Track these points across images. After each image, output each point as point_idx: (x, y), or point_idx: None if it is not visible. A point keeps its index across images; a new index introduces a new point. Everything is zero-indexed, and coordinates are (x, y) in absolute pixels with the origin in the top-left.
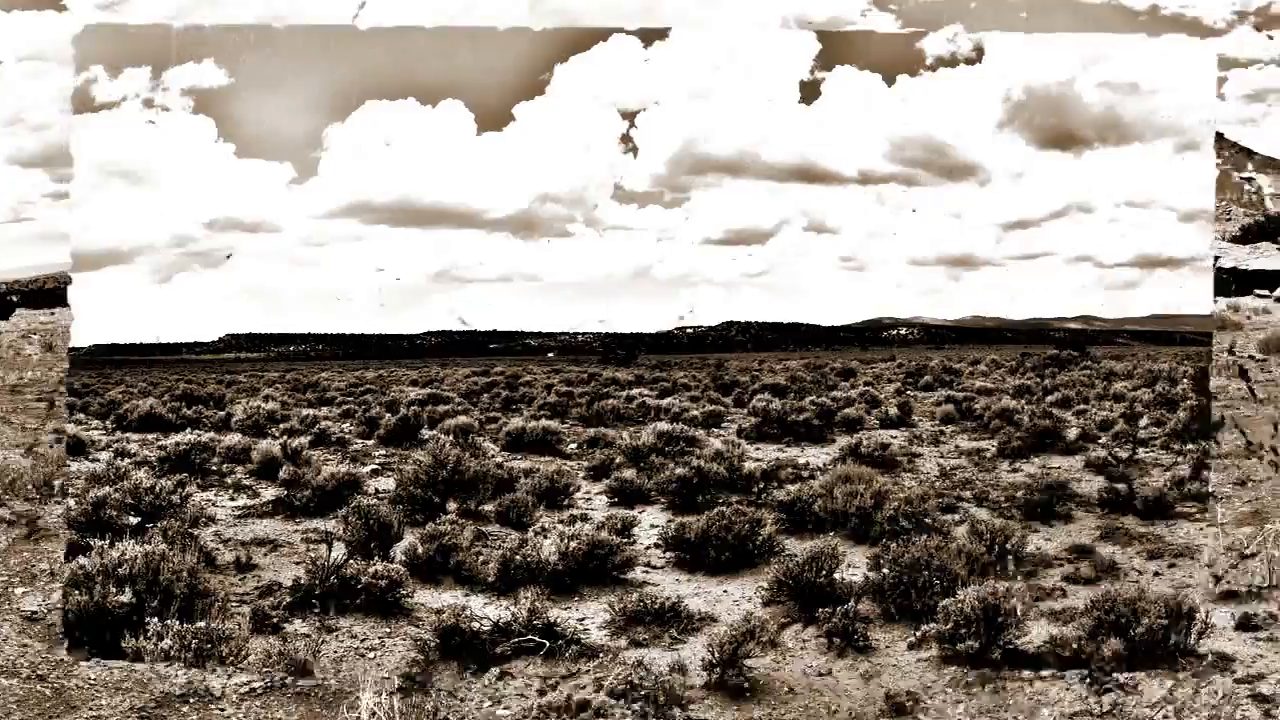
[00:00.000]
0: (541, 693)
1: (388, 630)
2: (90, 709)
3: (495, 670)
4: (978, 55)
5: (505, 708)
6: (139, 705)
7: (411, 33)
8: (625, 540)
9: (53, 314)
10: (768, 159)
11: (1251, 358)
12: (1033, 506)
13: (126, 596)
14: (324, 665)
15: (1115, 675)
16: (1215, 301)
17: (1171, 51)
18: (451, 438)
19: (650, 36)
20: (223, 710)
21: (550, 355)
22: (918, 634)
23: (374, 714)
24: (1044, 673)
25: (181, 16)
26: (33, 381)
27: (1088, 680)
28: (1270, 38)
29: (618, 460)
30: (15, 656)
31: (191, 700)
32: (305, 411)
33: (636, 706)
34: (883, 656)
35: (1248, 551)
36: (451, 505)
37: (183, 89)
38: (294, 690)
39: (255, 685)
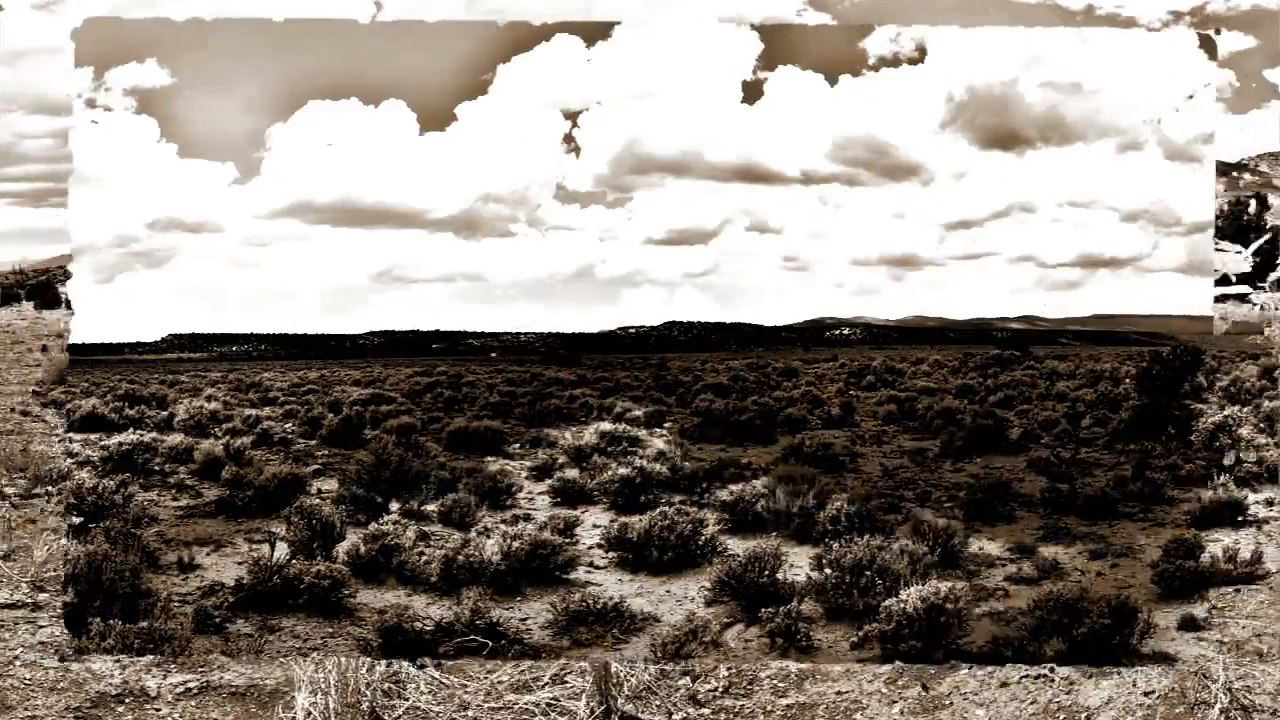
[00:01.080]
0: (484, 692)
1: (330, 630)
2: (26, 709)
3: (434, 669)
4: (920, 55)
5: (446, 707)
6: (74, 705)
7: (352, 30)
8: (568, 540)
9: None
10: (710, 159)
11: None
12: (975, 506)
13: (69, 596)
14: (262, 665)
15: (1053, 675)
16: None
17: (1114, 50)
18: (394, 438)
19: (593, 36)
20: (158, 710)
21: (493, 355)
22: (860, 634)
23: (309, 714)
24: (978, 672)
25: (120, 14)
26: None
27: (1025, 680)
28: (1218, 32)
29: (560, 460)
30: None
31: (127, 700)
32: (248, 411)
33: (579, 705)
34: (826, 656)
35: None
36: (394, 505)
37: (125, 89)
38: (229, 690)
39: (191, 685)
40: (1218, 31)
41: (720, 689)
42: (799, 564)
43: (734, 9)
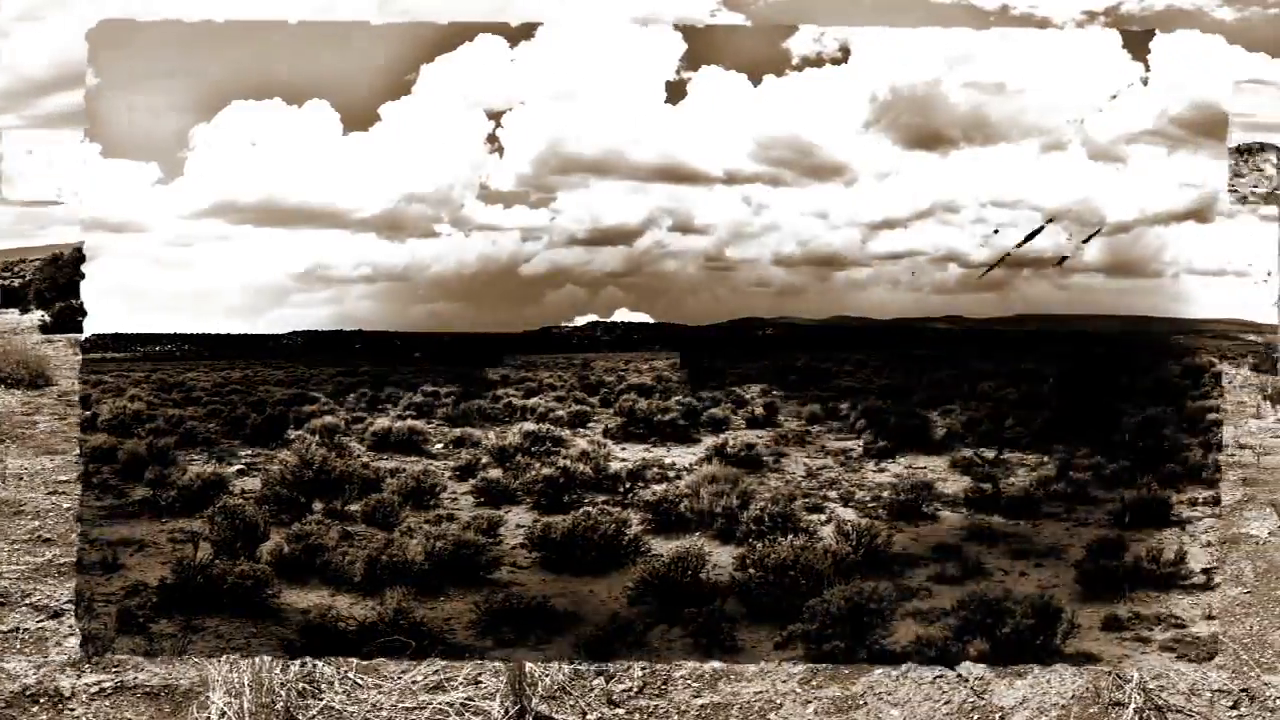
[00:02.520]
0: (398, 692)
1: (254, 630)
2: None
3: (349, 669)
4: (844, 55)
5: (360, 707)
6: None
7: (275, 30)
8: (491, 540)
9: None
10: (634, 159)
11: None
12: (899, 506)
13: None
14: (177, 665)
15: (968, 675)
16: None
17: (1036, 50)
18: (318, 437)
19: (516, 36)
20: (73, 710)
21: (417, 355)
22: (784, 634)
23: (223, 714)
24: (893, 672)
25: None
26: None
27: (940, 680)
28: (1152, 34)
29: (484, 460)
30: None
31: (41, 700)
32: (171, 411)
33: (493, 706)
34: (749, 656)
35: None
36: (318, 505)
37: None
38: (144, 690)
39: (106, 685)
40: (1151, 33)
41: (635, 689)
42: (722, 564)
43: (649, 9)
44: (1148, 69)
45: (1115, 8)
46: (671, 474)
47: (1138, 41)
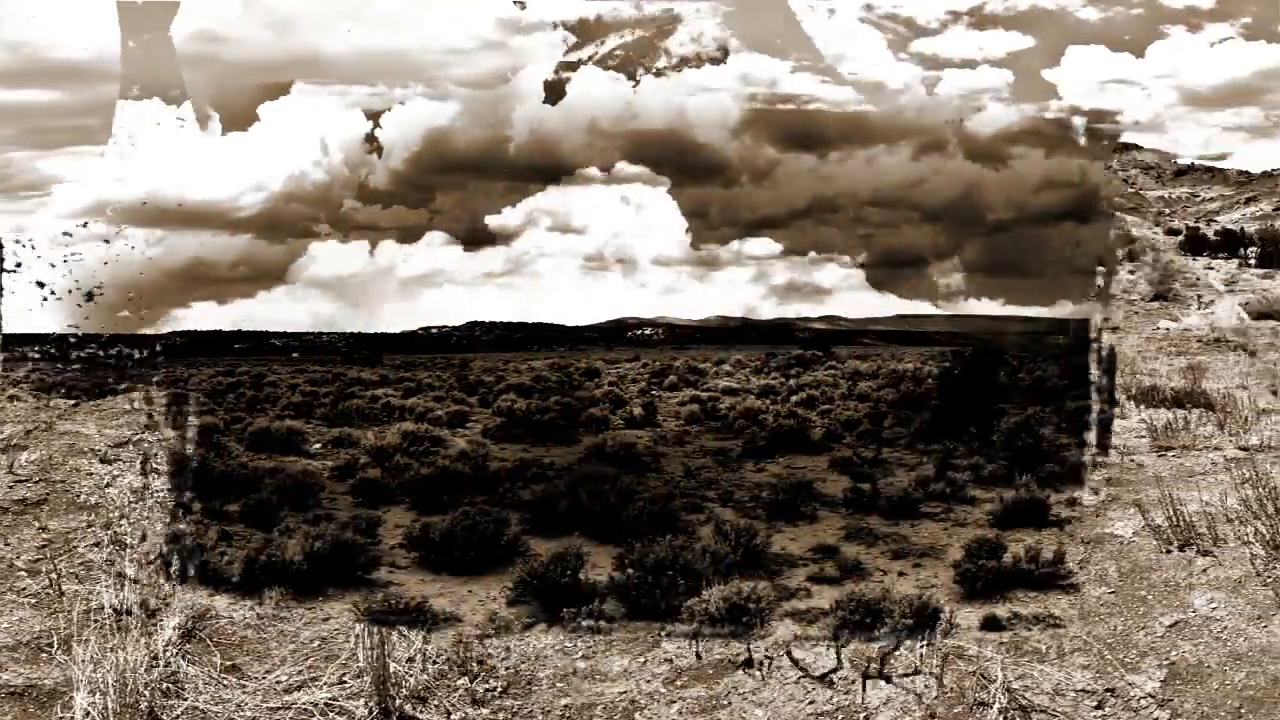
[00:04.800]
0: (263, 692)
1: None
2: None
3: (213, 669)
4: (723, 55)
5: (224, 707)
6: None
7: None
8: (370, 540)
9: None
10: (513, 158)
11: None
12: (777, 506)
13: None
14: (41, 665)
15: (833, 675)
16: None
17: (912, 51)
18: (196, 437)
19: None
20: None
21: (295, 355)
22: (663, 633)
23: (88, 714)
24: (757, 672)
25: None
26: None
27: (804, 680)
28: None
29: (363, 460)
30: None
31: None
32: None
33: (358, 706)
34: (625, 656)
35: None
36: (196, 505)
37: None
38: (8, 690)
39: None
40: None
41: (499, 689)
42: (601, 564)
43: (533, 11)
44: (1019, 71)
45: (979, 8)
46: (550, 474)
47: (1010, 43)
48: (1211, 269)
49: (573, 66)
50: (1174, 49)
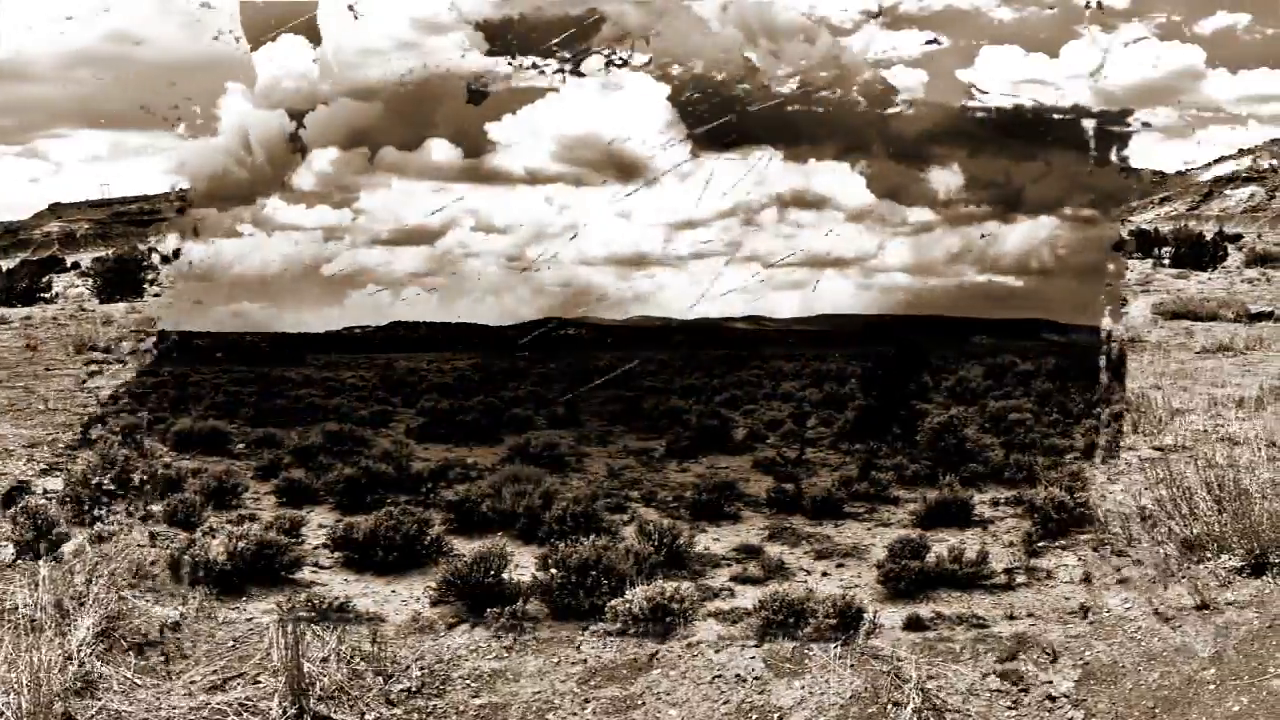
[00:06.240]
0: (176, 693)
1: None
2: None
3: (127, 670)
4: (646, 55)
5: (138, 708)
6: None
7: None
8: (293, 540)
9: None
10: (436, 158)
11: None
12: (701, 506)
13: None
14: None
15: (746, 674)
16: None
17: (833, 51)
18: (120, 437)
19: (316, 36)
20: None
21: (219, 355)
22: (587, 633)
23: (1, 714)
24: (671, 672)
25: None
26: None
27: (718, 680)
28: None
29: (286, 460)
30: None
31: None
32: None
33: (271, 706)
34: (546, 656)
35: None
36: (119, 505)
37: None
38: None
39: None
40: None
41: (413, 689)
42: (525, 564)
43: (444, 4)
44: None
45: (894, 7)
46: (473, 474)
47: (928, 42)
48: (1126, 269)
49: (495, 66)
50: (1088, 49)
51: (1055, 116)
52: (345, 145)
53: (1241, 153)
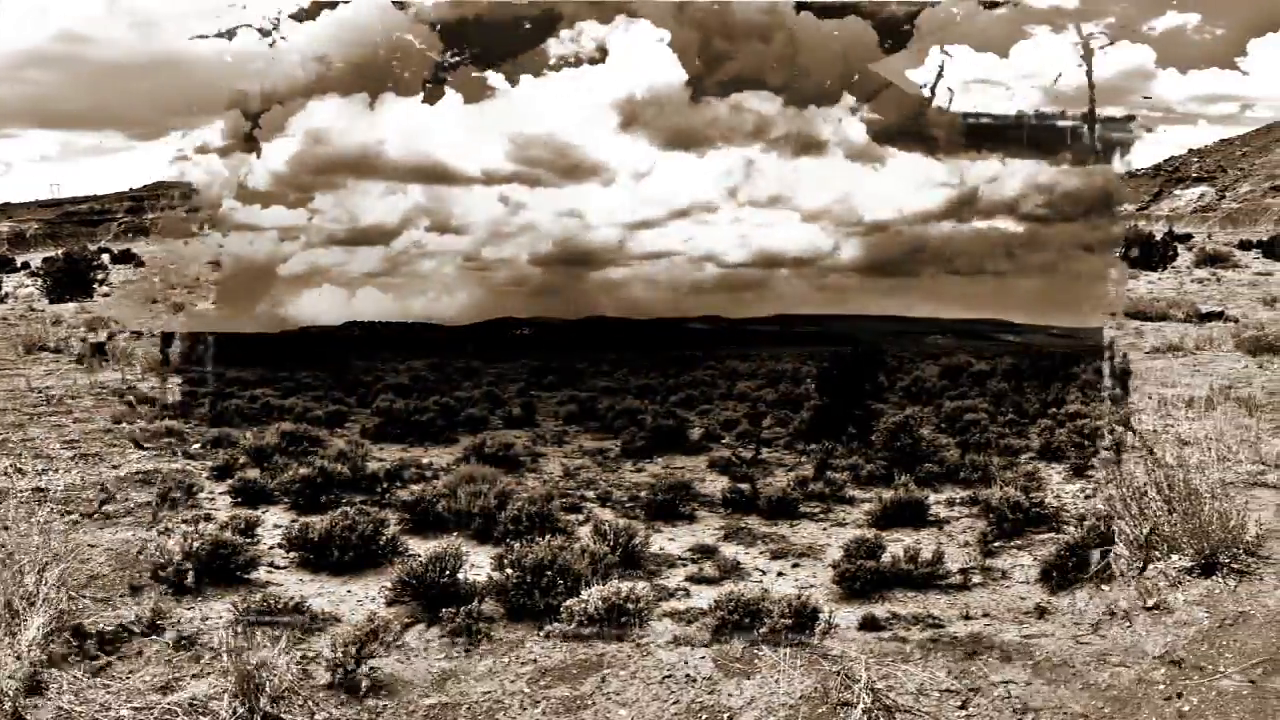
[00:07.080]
0: (127, 693)
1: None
2: None
3: (77, 670)
4: (601, 55)
5: (88, 708)
6: None
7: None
8: (249, 540)
9: None
10: (391, 158)
11: None
12: (656, 506)
13: None
14: None
15: (696, 675)
16: None
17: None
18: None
19: (270, 35)
20: None
21: (174, 355)
22: (542, 633)
23: None
24: (621, 672)
25: None
26: None
27: (668, 680)
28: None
29: (241, 460)
30: None
31: None
32: None
33: (221, 706)
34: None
35: None
36: (72, 505)
37: None
38: None
39: None
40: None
41: (365, 688)
42: (480, 564)
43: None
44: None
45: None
46: (429, 474)
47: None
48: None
49: (452, 68)
50: (1038, 49)
51: (1011, 117)
52: (300, 145)
53: (1191, 153)
